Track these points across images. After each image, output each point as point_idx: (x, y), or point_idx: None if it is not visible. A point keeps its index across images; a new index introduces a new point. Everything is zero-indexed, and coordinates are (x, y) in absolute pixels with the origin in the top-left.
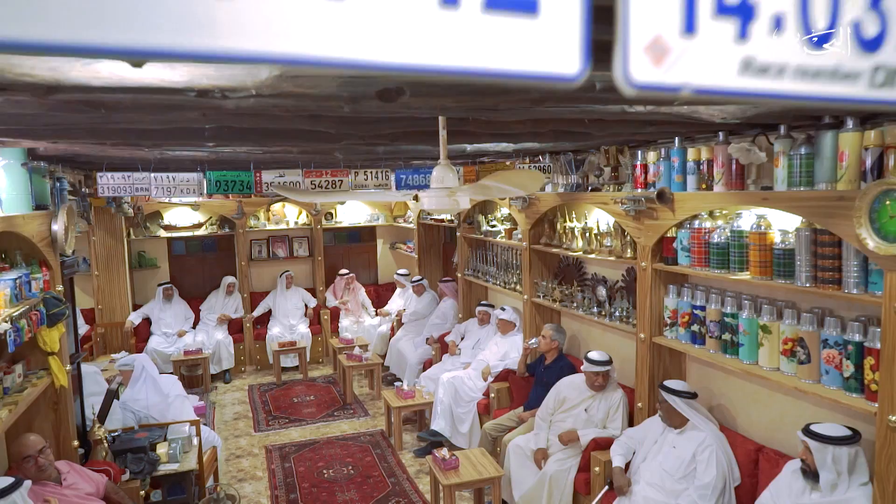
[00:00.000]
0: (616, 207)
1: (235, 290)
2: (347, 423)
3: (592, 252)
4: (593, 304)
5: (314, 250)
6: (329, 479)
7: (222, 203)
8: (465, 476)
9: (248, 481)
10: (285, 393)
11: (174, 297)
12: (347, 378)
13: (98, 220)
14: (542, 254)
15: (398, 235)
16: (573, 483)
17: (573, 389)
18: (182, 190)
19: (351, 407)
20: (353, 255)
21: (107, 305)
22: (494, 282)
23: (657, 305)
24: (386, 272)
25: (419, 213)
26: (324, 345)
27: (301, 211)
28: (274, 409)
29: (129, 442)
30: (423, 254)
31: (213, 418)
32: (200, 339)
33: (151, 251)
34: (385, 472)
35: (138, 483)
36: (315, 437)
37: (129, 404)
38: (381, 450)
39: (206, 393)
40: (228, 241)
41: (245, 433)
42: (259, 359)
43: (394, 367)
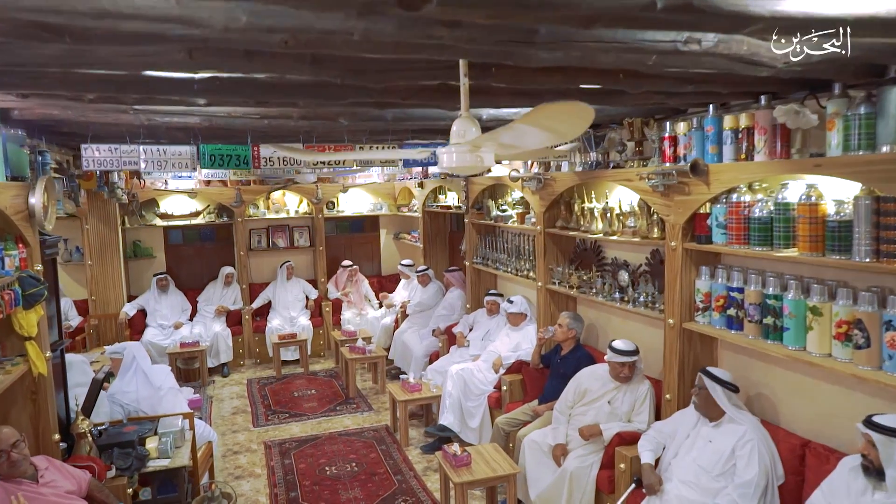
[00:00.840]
0: (642, 184)
1: (234, 280)
2: (350, 418)
3: (614, 234)
4: (615, 290)
5: (315, 240)
6: (332, 476)
7: (220, 191)
8: (479, 473)
9: (246, 479)
10: (285, 387)
11: (170, 288)
12: (350, 371)
13: (91, 208)
14: (557, 238)
15: (402, 225)
16: (595, 481)
17: (595, 380)
18: (174, 164)
19: (354, 401)
20: (355, 246)
21: (100, 296)
22: (505, 269)
23: (688, 288)
24: (389, 263)
25: (424, 200)
26: (325, 338)
27: (302, 200)
28: (274, 404)
29: (117, 436)
30: (429, 243)
31: (209, 413)
32: (198, 331)
33: (147, 240)
34: (391, 470)
35: (125, 480)
36: (317, 433)
37: (117, 396)
38: (386, 446)
39: (203, 387)
40: (227, 230)
41: (243, 428)
42: (258, 352)
43: (398, 360)
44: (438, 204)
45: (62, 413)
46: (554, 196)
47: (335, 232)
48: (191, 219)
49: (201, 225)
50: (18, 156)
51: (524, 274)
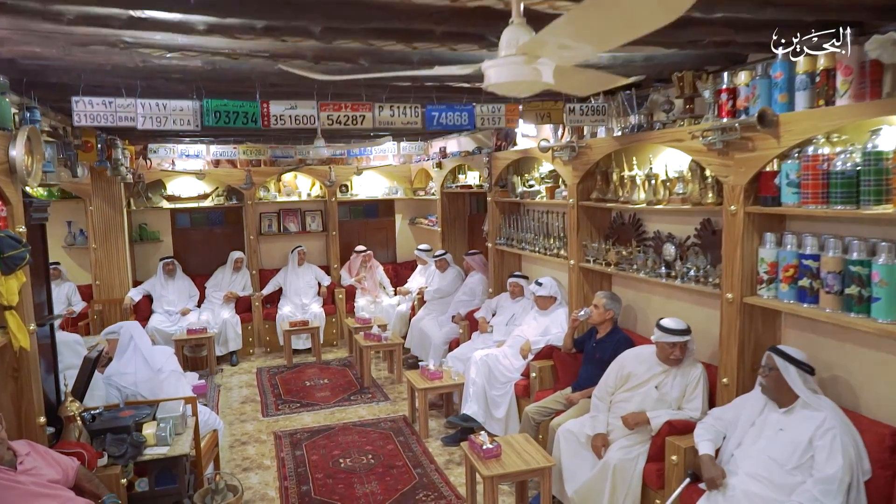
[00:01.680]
0: (695, 143)
1: (244, 266)
2: (366, 408)
3: (659, 203)
4: (659, 265)
5: (328, 225)
6: (346, 468)
7: (229, 172)
8: (510, 466)
9: (255, 470)
10: (297, 376)
11: (177, 273)
12: (364, 360)
13: (95, 188)
14: (591, 212)
15: (419, 210)
16: (642, 474)
17: (641, 364)
18: (174, 120)
19: (369, 391)
20: (369, 231)
21: (105, 281)
22: (532, 249)
23: (750, 258)
24: (405, 250)
25: (443, 182)
26: (338, 326)
27: (314, 182)
28: (284, 393)
29: (111, 421)
30: (448, 227)
31: (217, 402)
32: (205, 318)
33: (154, 224)
34: (410, 462)
35: (119, 469)
36: (330, 423)
37: (114, 379)
38: (404, 437)
39: (211, 375)
40: (236, 214)
41: (252, 418)
42: (268, 340)
43: (415, 348)
44: (458, 184)
45: (52, 396)
46: (589, 166)
47: (349, 217)
48: (199, 201)
49: (210, 208)
50: (1, 107)
51: (553, 252)
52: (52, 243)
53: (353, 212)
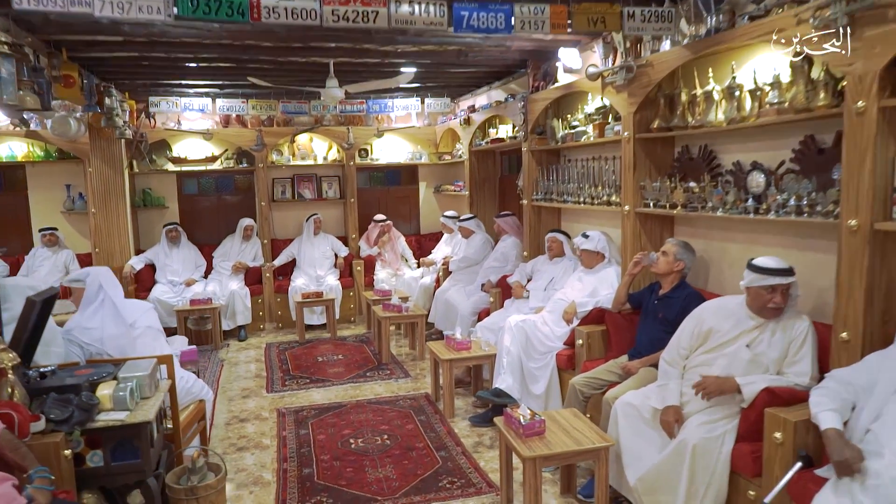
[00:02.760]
0: (803, 28)
1: (254, 234)
2: (383, 385)
3: (747, 120)
4: (744, 198)
5: (346, 192)
6: (357, 450)
7: (239, 132)
8: (557, 446)
9: (251, 450)
10: (308, 352)
11: (181, 241)
12: (384, 333)
13: (94, 147)
14: (651, 146)
15: (444, 176)
16: (730, 458)
17: (726, 318)
18: (140, 7)
19: (387, 367)
20: (391, 200)
21: (104, 248)
22: (575, 200)
23: (884, 170)
24: (430, 220)
25: (471, 140)
26: (356, 300)
27: (331, 145)
28: (293, 369)
29: (59, 380)
30: (476, 190)
31: (218, 377)
32: (212, 289)
33: (158, 189)
34: (432, 444)
35: (61, 438)
36: (341, 400)
37: (74, 333)
38: (425, 416)
39: (216, 350)
40: (247, 180)
41: (254, 394)
42: (280, 315)
43: (440, 322)
44: (488, 139)
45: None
46: (648, 89)
47: (368, 184)
48: (206, 164)
49: (218, 172)
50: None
51: (603, 201)
52: (51, 208)
53: (374, 179)
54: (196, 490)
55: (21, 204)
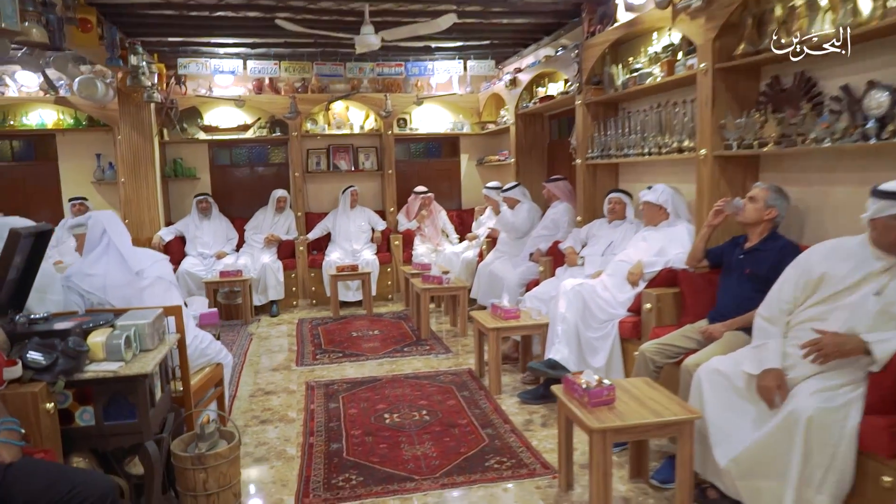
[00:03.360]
0: None
1: (287, 206)
2: (422, 360)
3: (865, 24)
4: (864, 122)
5: (384, 163)
6: (392, 425)
7: (272, 99)
8: (630, 416)
9: (275, 423)
10: (342, 327)
11: (212, 212)
12: (423, 307)
13: (123, 113)
14: (733, 78)
15: (488, 147)
16: (857, 434)
17: (843, 259)
18: None
19: (426, 343)
20: (431, 173)
21: (133, 218)
22: (639, 152)
23: None
24: (472, 195)
25: (517, 102)
26: (394, 277)
27: (368, 114)
28: (325, 343)
29: (48, 325)
30: (522, 156)
31: (246, 350)
32: (244, 262)
33: (190, 159)
34: (477, 421)
35: (42, 387)
36: (376, 374)
37: (74, 280)
38: (468, 392)
39: (246, 325)
40: (280, 152)
41: (283, 367)
42: (314, 290)
43: (483, 296)
44: (536, 99)
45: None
46: (731, 8)
47: (407, 157)
48: (239, 132)
49: (251, 142)
50: None
51: (672, 148)
52: (81, 178)
53: (413, 151)
54: (204, 459)
55: (52, 173)
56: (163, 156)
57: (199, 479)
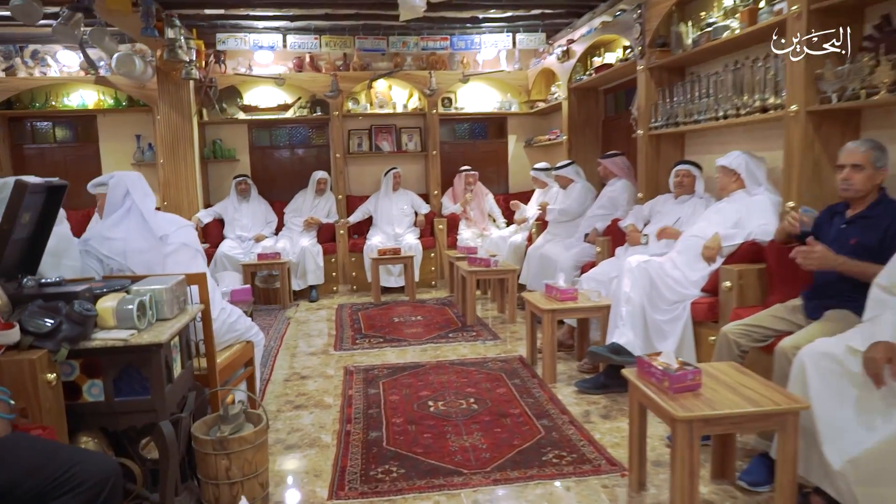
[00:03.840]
0: None
1: (328, 188)
2: (468, 347)
3: None
4: None
5: (428, 144)
6: (437, 414)
7: (313, 77)
8: (721, 405)
9: (310, 409)
10: (384, 313)
11: (251, 195)
12: (469, 292)
13: (162, 93)
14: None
15: (536, 128)
16: None
17: None
18: None
19: (473, 329)
20: (476, 155)
21: (172, 201)
22: (711, 117)
23: None
24: (520, 178)
25: (570, 75)
26: (437, 262)
27: (412, 92)
28: (365, 328)
29: (57, 288)
30: (575, 134)
31: (282, 334)
32: (283, 245)
33: (229, 140)
34: (531, 411)
35: (41, 356)
36: (419, 361)
37: (93, 244)
38: (520, 380)
39: (283, 309)
40: (321, 133)
41: (321, 351)
42: (355, 276)
43: (533, 281)
44: (592, 70)
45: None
46: None
47: (452, 138)
48: (278, 112)
49: (291, 122)
50: None
51: (754, 108)
52: (121, 160)
53: (458, 132)
54: (227, 443)
55: (93, 155)
56: (202, 137)
57: (220, 465)
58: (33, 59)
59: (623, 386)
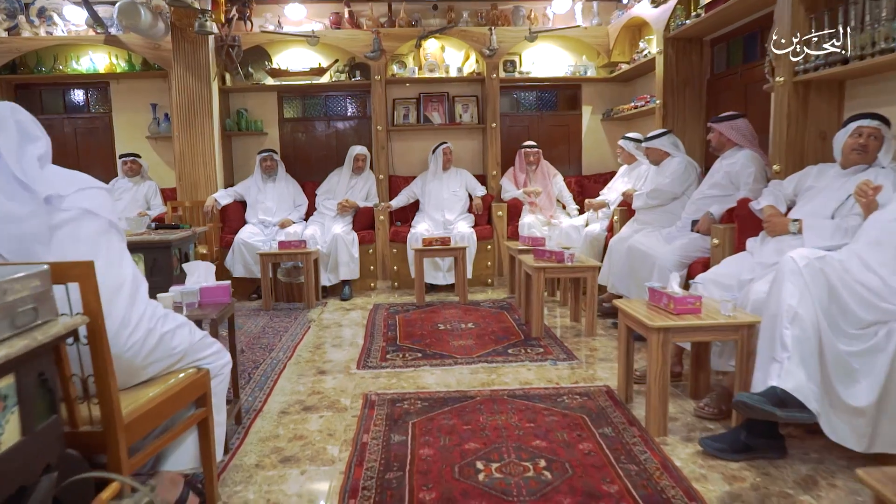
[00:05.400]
0: None
1: (367, 166)
2: (534, 369)
3: None
4: None
5: (486, 116)
6: (488, 486)
7: (352, 35)
8: None
9: (301, 465)
10: (427, 317)
11: (278, 173)
12: (535, 294)
13: (176, 53)
14: None
15: (617, 97)
16: None
17: None
18: None
19: (539, 343)
20: (543, 131)
21: (188, 178)
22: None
23: None
24: (595, 157)
25: (667, 22)
26: (495, 256)
27: (468, 54)
28: (402, 337)
29: None
30: (672, 97)
31: (297, 341)
32: (311, 232)
33: (256, 110)
34: (637, 490)
35: None
36: (466, 388)
37: None
38: (611, 428)
39: (308, 309)
40: (362, 103)
41: (338, 368)
42: (396, 271)
43: (618, 282)
44: (700, 8)
45: None
46: None
47: (515, 109)
48: (312, 77)
49: (327, 89)
50: None
51: None
52: (136, 132)
53: (522, 101)
54: None
55: (105, 126)
56: (224, 106)
57: None
58: (39, 18)
59: (779, 449)
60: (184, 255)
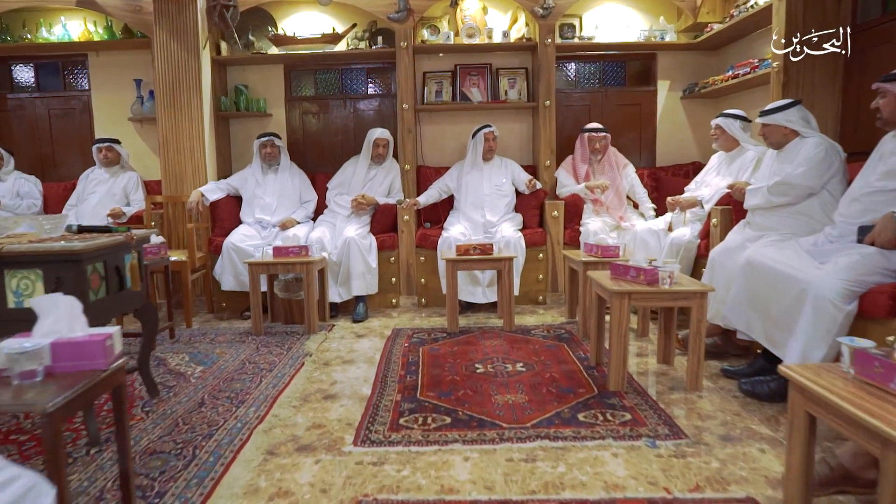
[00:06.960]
0: None
1: (389, 153)
2: (622, 454)
3: None
4: None
5: (539, 92)
6: None
7: None
8: None
9: None
10: (461, 351)
11: (281, 162)
12: (614, 330)
13: (159, 15)
14: None
15: (702, 69)
16: None
17: None
18: None
19: (622, 402)
20: (609, 111)
21: (173, 169)
22: None
23: None
24: (673, 145)
25: None
26: (548, 268)
27: (516, 15)
28: (425, 387)
29: None
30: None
31: (278, 392)
32: (318, 235)
33: (259, 87)
34: None
35: None
36: (520, 496)
37: None
38: None
39: (308, 334)
40: (385, 77)
41: (327, 442)
42: (424, 284)
43: (731, 313)
44: None
45: None
46: None
47: (573, 86)
48: (324, 45)
49: (342, 59)
50: None
51: None
52: (117, 114)
53: (583, 75)
54: None
55: (83, 108)
56: (219, 81)
57: None
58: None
59: None
60: (113, 270)
